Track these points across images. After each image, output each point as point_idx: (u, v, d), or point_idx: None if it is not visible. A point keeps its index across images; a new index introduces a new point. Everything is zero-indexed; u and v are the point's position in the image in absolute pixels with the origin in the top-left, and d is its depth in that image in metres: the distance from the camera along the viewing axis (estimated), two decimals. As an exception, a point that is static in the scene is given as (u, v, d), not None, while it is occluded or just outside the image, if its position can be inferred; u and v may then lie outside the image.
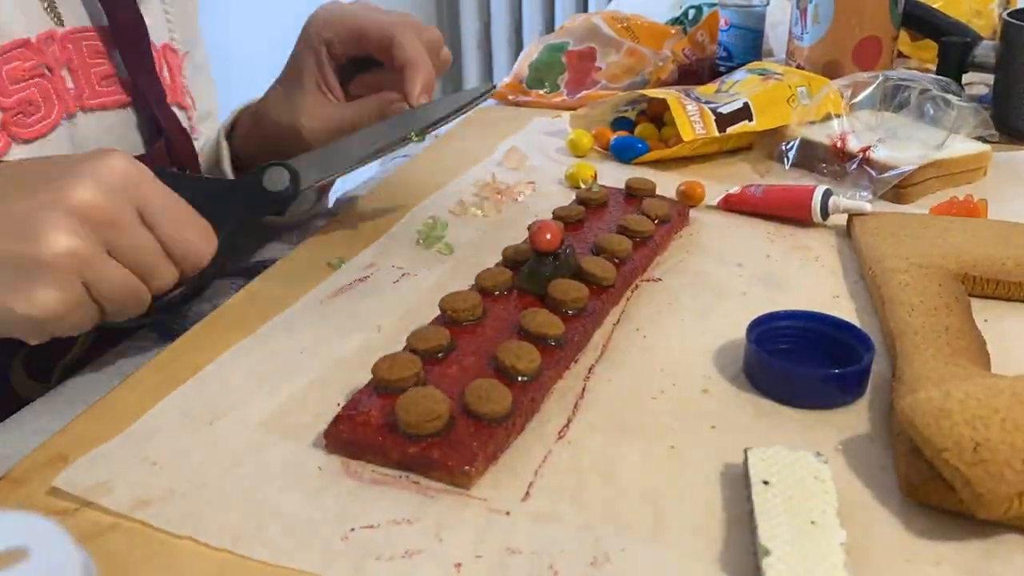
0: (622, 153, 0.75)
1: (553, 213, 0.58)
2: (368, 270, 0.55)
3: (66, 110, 0.54)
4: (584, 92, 0.93)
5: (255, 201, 0.51)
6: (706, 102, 0.75)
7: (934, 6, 0.94)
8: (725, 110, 0.74)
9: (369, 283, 0.54)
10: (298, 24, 0.61)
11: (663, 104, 0.74)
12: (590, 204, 0.61)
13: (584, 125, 0.79)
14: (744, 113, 0.74)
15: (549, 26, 2.51)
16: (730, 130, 0.73)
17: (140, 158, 0.46)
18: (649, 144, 0.75)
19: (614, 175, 0.70)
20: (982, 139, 0.70)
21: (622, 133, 0.77)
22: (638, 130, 0.78)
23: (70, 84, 0.54)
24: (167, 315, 0.49)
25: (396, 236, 0.60)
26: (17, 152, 0.50)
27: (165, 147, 0.59)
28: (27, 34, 0.51)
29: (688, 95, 0.76)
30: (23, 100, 0.51)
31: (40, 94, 0.52)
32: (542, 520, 0.35)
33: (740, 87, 0.80)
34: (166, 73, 0.62)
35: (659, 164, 0.73)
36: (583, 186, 0.64)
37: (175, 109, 0.61)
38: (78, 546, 0.24)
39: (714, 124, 0.72)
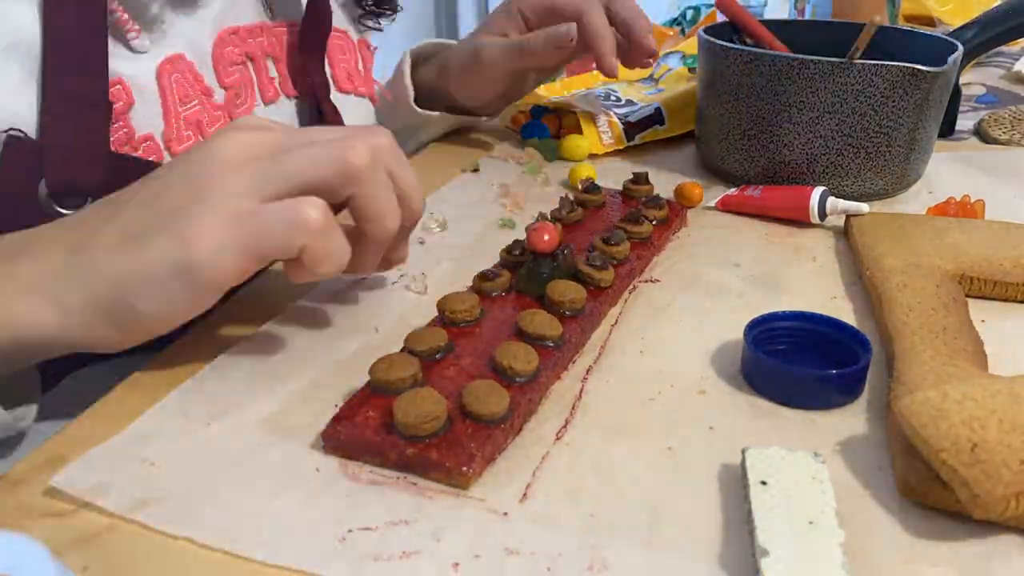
0: (524, 132, 0.81)
1: (551, 214, 0.58)
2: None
3: (263, 98, 0.61)
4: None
5: None
6: (624, 104, 0.81)
7: (942, 9, 0.95)
8: (635, 118, 0.78)
9: (367, 284, 0.54)
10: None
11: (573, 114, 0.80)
12: (588, 206, 0.61)
13: (512, 111, 0.86)
14: (656, 118, 0.79)
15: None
16: (639, 138, 0.78)
17: None
18: (550, 130, 0.81)
19: (613, 177, 0.70)
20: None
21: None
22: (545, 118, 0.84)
23: (273, 73, 0.62)
24: None
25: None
26: None
27: None
28: (237, 23, 0.58)
29: (608, 98, 0.82)
30: (236, 82, 0.58)
31: (242, 81, 0.59)
32: (540, 521, 0.35)
33: (667, 80, 0.87)
34: (360, 66, 0.72)
35: (657, 164, 0.74)
36: (580, 187, 0.64)
37: (356, 98, 0.70)
38: (61, 565, 0.24)
39: (623, 134, 0.77)
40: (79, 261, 0.38)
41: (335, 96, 0.68)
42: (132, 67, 0.51)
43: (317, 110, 0.65)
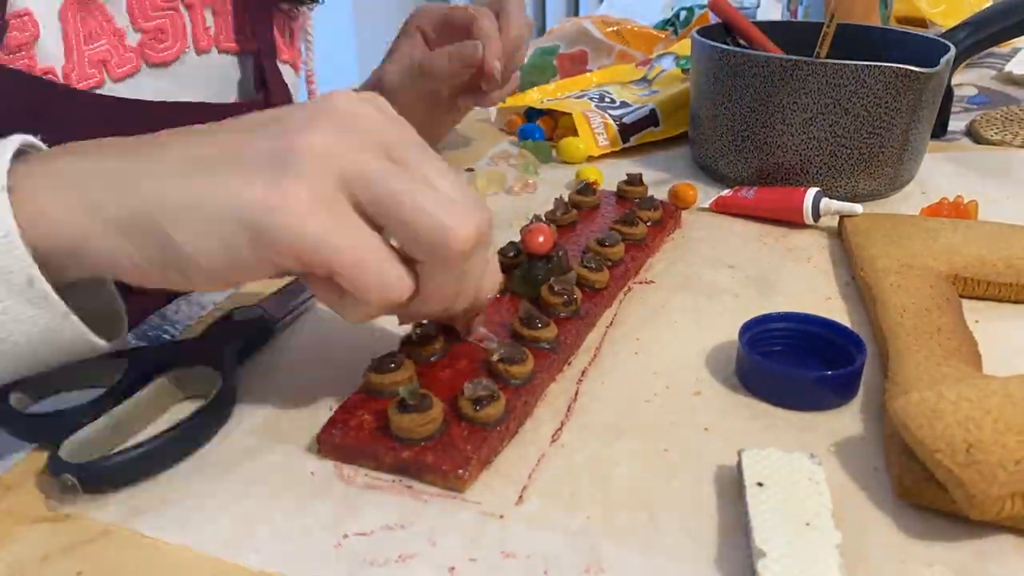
0: (520, 134, 0.81)
1: (545, 216, 0.58)
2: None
3: (196, 46, 0.60)
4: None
5: None
6: (618, 106, 0.81)
7: (934, 11, 0.95)
8: (629, 120, 0.78)
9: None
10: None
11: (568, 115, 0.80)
12: (582, 207, 0.61)
13: (508, 113, 0.86)
14: (650, 120, 0.79)
15: (540, 29, 2.51)
16: (633, 139, 0.78)
17: (235, 105, 0.59)
18: (545, 132, 0.81)
19: (607, 178, 0.70)
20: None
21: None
22: (540, 120, 0.84)
23: (210, 23, 0.61)
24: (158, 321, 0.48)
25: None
26: (146, 75, 0.56)
27: (264, 99, 0.64)
28: None
29: (602, 100, 0.82)
30: (157, 28, 0.57)
31: (170, 26, 0.58)
32: (536, 523, 0.34)
33: (661, 81, 0.87)
34: (287, 34, 0.69)
35: (651, 165, 0.74)
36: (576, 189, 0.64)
37: (283, 66, 0.67)
38: None
39: (618, 135, 0.77)
40: (127, 170, 0.35)
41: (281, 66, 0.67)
42: (39, 1, 0.50)
43: (260, 74, 0.64)
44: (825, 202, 0.61)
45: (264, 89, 0.64)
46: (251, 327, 0.46)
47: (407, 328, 0.43)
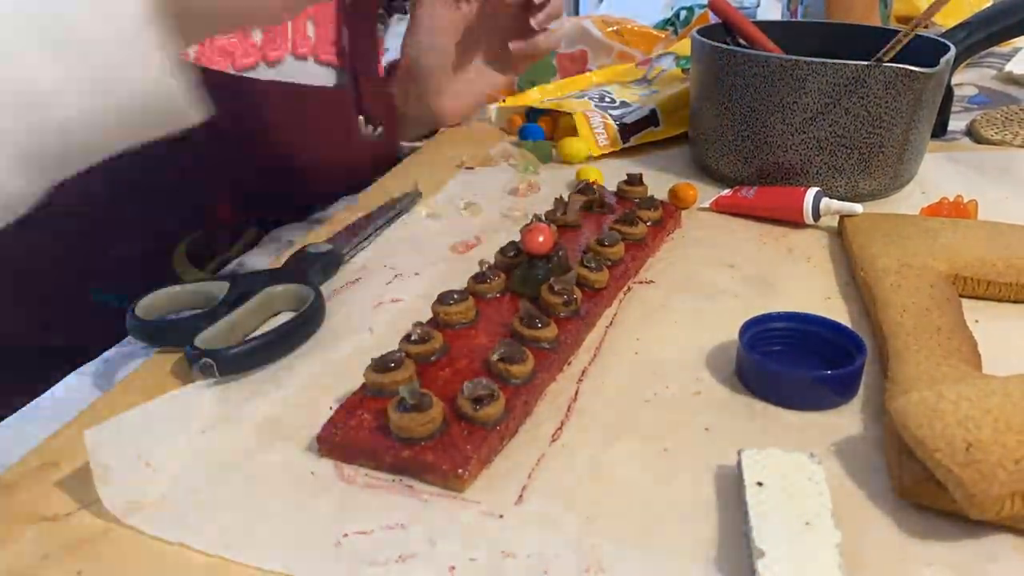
0: (520, 134, 0.81)
1: (544, 216, 0.58)
2: (360, 272, 0.55)
3: (294, 51, 0.64)
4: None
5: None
6: (618, 106, 0.81)
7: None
8: (630, 120, 0.78)
9: (361, 285, 0.54)
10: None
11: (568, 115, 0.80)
12: (593, 208, 0.61)
13: (507, 113, 0.86)
14: (650, 120, 0.79)
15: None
16: (633, 139, 0.78)
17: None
18: (545, 132, 0.82)
19: (607, 178, 0.70)
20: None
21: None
22: (540, 120, 0.85)
23: (310, 33, 0.65)
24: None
25: (389, 238, 0.60)
26: (263, 70, 0.62)
27: (356, 100, 0.70)
28: None
29: (602, 100, 0.82)
30: (272, 29, 0.62)
31: (279, 29, 0.63)
32: (536, 523, 0.34)
33: (661, 81, 0.87)
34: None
35: (651, 165, 0.74)
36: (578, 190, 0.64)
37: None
38: None
39: (618, 135, 0.77)
40: None
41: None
42: None
43: (355, 86, 0.69)
44: (825, 202, 0.61)
45: (359, 105, 0.69)
46: (324, 257, 0.54)
47: (406, 328, 0.43)
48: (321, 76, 0.67)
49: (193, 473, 0.37)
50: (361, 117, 0.71)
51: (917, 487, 0.34)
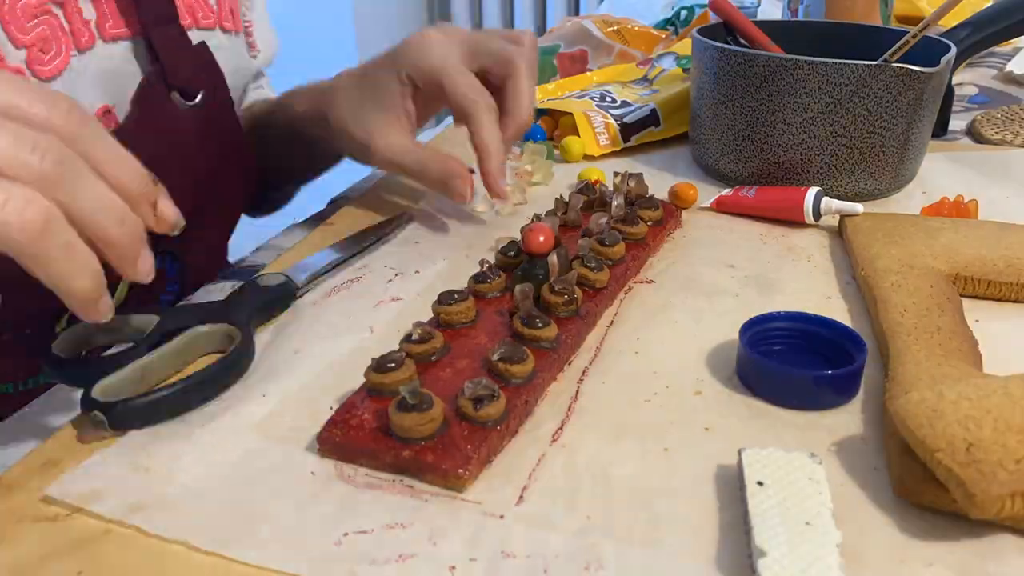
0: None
1: (545, 216, 0.58)
2: (361, 271, 0.55)
3: (77, 45, 0.53)
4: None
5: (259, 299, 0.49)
6: (619, 106, 0.81)
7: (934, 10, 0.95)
8: (630, 119, 0.78)
9: (362, 284, 0.54)
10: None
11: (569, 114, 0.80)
12: (594, 207, 0.61)
13: None
14: (651, 119, 0.79)
15: (540, 29, 2.51)
16: (634, 139, 0.78)
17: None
18: (546, 132, 0.81)
19: (608, 178, 0.70)
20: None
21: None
22: (540, 120, 0.84)
23: (89, 15, 0.54)
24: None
25: (388, 238, 0.60)
26: None
27: (160, 72, 0.56)
28: None
29: (603, 100, 0.82)
30: (39, 38, 0.51)
31: (50, 32, 0.52)
32: (536, 523, 0.34)
33: (661, 81, 0.87)
34: None
35: (652, 165, 0.74)
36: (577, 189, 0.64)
37: (207, 32, 0.61)
38: None
39: (619, 135, 0.77)
40: None
41: (197, 34, 0.60)
42: None
43: (151, 51, 0.56)
44: (826, 201, 0.61)
45: (157, 64, 0.56)
46: (274, 292, 0.50)
47: (406, 328, 0.43)
48: (115, 56, 0.55)
49: (193, 473, 0.37)
50: (175, 92, 0.58)
51: (917, 487, 0.34)
